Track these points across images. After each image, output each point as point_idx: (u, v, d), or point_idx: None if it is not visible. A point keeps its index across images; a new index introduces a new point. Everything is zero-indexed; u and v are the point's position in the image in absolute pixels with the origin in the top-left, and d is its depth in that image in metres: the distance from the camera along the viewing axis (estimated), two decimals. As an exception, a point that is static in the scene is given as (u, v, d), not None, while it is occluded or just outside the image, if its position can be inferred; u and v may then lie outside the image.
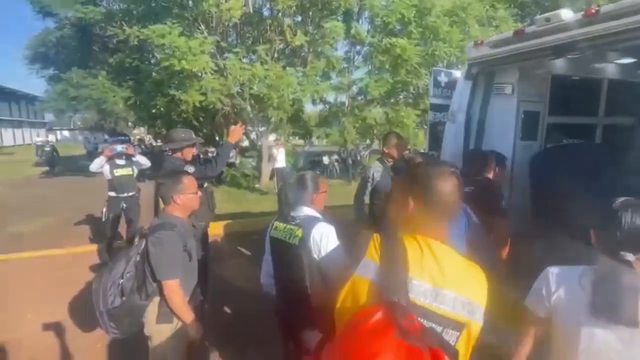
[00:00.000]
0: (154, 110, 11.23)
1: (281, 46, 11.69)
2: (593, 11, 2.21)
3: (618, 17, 2.10)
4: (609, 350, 1.17)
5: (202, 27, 9.90)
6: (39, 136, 31.41)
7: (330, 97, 13.20)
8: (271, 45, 11.16)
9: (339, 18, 11.75)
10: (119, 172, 5.02)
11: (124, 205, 5.05)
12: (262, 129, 12.84)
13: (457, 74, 3.46)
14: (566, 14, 2.37)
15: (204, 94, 9.65)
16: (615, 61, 3.42)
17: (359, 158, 17.52)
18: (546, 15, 2.50)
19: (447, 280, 1.01)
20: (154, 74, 9.82)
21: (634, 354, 1.15)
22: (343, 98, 13.10)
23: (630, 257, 1.18)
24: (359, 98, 12.66)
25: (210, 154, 15.60)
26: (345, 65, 12.99)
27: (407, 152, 4.01)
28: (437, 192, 1.07)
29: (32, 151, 23.99)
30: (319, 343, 1.47)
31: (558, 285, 1.27)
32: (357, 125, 12.57)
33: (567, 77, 3.35)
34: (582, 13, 2.28)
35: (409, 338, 0.86)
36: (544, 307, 1.30)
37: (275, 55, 11.63)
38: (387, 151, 3.49)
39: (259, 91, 10.28)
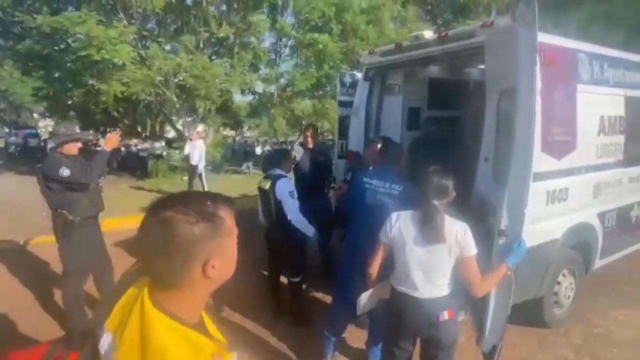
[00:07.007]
0: (69, 102, 10.57)
1: (206, 36, 11.65)
2: (443, 34, 3.01)
3: (458, 39, 2.91)
4: (419, 257, 1.90)
5: (121, 14, 9.56)
6: None
7: (259, 87, 13.53)
8: (196, 36, 11.10)
9: (264, 11, 12.06)
10: None
11: None
12: (189, 119, 12.70)
13: (359, 75, 4.14)
14: (428, 34, 3.14)
15: (126, 84, 9.40)
16: (477, 67, 4.36)
17: (290, 148, 18.01)
18: (415, 34, 3.27)
19: None
20: (68, 63, 9.28)
21: (434, 259, 1.88)
22: (272, 89, 13.49)
23: (436, 202, 1.90)
24: (288, 90, 13.12)
25: (134, 148, 14.92)
26: (273, 57, 13.36)
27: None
28: None
29: None
30: None
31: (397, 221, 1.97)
32: (286, 116, 13.11)
33: (440, 79, 4.22)
34: (437, 35, 3.07)
35: None
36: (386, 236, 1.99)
37: (201, 45, 11.57)
38: (305, 138, 4.29)
39: (184, 81, 10.23)
